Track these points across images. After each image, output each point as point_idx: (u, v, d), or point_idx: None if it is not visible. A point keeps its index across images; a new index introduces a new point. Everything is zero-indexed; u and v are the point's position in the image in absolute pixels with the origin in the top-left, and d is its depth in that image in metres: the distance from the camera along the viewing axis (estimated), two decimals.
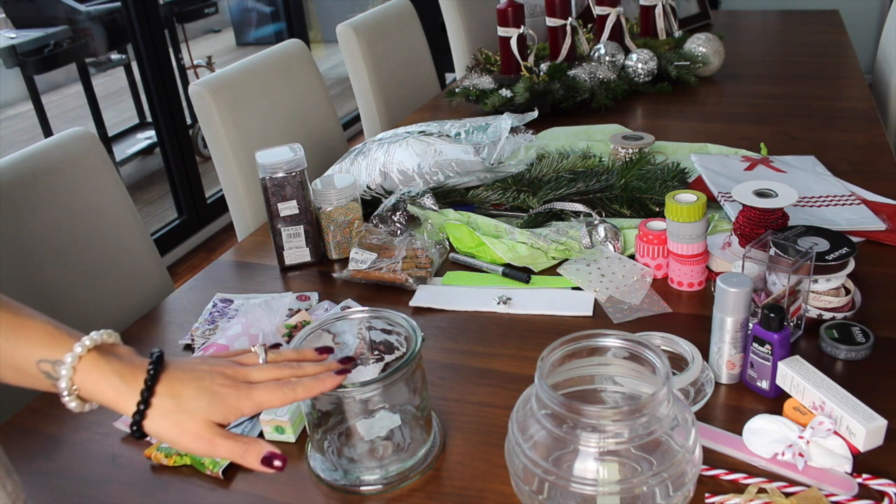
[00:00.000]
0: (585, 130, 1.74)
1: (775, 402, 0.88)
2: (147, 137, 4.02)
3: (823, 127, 1.69)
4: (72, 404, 0.65)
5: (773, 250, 0.97)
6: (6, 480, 0.67)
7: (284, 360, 0.73)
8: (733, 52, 2.29)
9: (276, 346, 0.78)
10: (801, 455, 0.78)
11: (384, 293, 1.19)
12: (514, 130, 1.57)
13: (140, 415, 0.64)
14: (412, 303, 1.15)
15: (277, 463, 0.66)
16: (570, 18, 2.03)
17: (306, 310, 1.12)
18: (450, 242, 1.30)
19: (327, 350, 0.76)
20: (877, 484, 0.76)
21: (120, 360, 0.65)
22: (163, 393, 0.65)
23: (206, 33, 6.77)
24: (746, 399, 0.90)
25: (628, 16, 2.29)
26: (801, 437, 0.79)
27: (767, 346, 0.87)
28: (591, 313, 1.09)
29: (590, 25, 2.29)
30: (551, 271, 1.20)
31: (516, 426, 0.74)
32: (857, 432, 0.79)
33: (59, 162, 1.28)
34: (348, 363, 0.74)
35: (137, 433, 0.65)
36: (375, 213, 1.34)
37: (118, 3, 3.24)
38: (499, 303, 1.13)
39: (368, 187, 1.42)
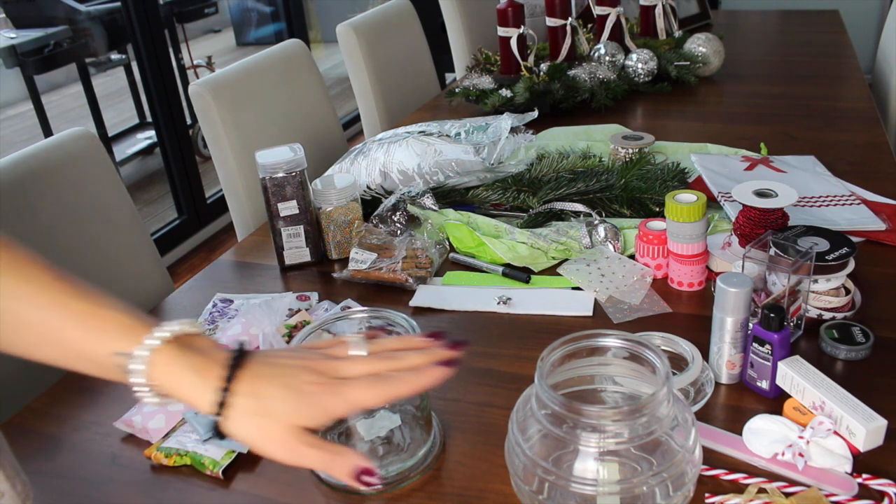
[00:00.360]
0: (585, 130, 1.74)
1: (775, 402, 0.88)
2: (147, 137, 4.03)
3: (823, 127, 1.69)
4: (151, 400, 0.59)
5: (773, 250, 0.97)
6: (15, 480, 0.66)
7: (384, 350, 0.65)
8: (733, 52, 2.29)
9: (374, 333, 0.69)
10: (801, 455, 0.78)
11: (384, 293, 1.19)
12: (514, 130, 1.57)
13: (219, 415, 0.58)
14: (412, 303, 1.15)
15: (370, 479, 0.59)
16: (570, 18, 2.03)
17: (306, 310, 1.12)
18: (450, 242, 1.29)
19: (438, 335, 0.66)
20: (877, 484, 0.76)
21: (200, 354, 0.60)
22: (243, 392, 0.58)
23: (206, 33, 6.78)
24: (746, 399, 0.90)
25: (628, 16, 2.29)
26: (801, 437, 0.79)
27: (767, 346, 0.87)
28: (591, 313, 1.09)
29: (590, 25, 2.29)
30: (551, 271, 1.20)
31: (516, 426, 0.74)
32: (857, 432, 0.79)
33: (59, 162, 1.28)
34: (459, 348, 0.64)
35: (217, 435, 0.59)
36: (375, 213, 1.34)
37: (118, 3, 3.24)
38: (499, 303, 1.13)
39: (368, 187, 1.42)
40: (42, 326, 0.60)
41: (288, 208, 1.24)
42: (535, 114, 1.66)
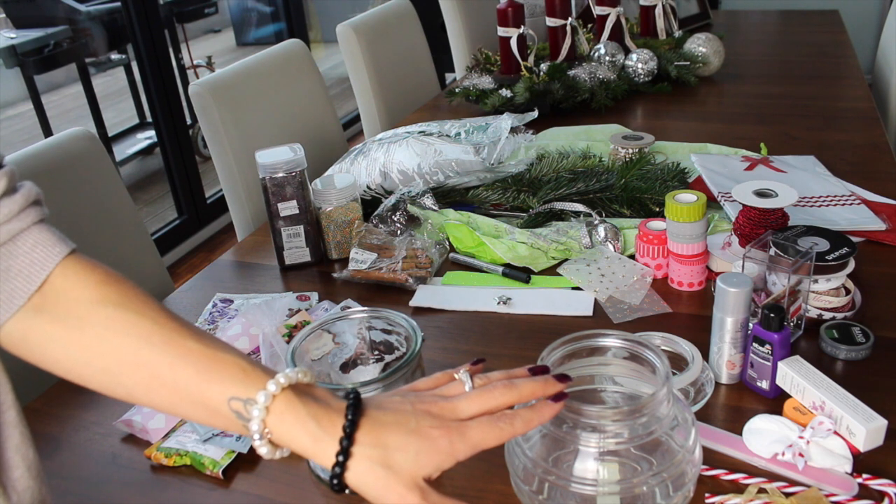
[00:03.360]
0: (585, 130, 1.74)
1: (775, 402, 0.88)
2: (147, 137, 4.03)
3: (823, 127, 1.69)
4: (263, 450, 0.57)
5: (773, 250, 0.97)
6: (42, 485, 0.65)
7: (493, 383, 0.63)
8: (733, 52, 2.29)
9: (480, 360, 0.68)
10: (801, 455, 0.78)
11: (384, 293, 1.19)
12: (514, 130, 1.58)
13: (340, 466, 0.56)
14: (412, 303, 1.15)
15: None
16: (570, 18, 2.03)
17: (306, 310, 1.12)
18: (450, 242, 1.29)
19: (542, 370, 0.65)
20: (877, 484, 0.76)
21: (317, 402, 0.58)
22: (365, 442, 0.56)
23: (206, 33, 6.78)
24: (746, 399, 0.90)
25: (628, 16, 2.29)
26: (801, 437, 0.79)
27: (767, 346, 0.87)
28: (591, 313, 1.09)
29: (590, 25, 2.29)
30: (551, 271, 1.20)
31: None
32: (857, 432, 0.79)
33: (59, 162, 1.28)
34: (565, 382, 0.63)
35: (338, 486, 0.56)
36: (375, 213, 1.34)
37: (118, 3, 3.24)
38: (499, 303, 1.13)
39: (368, 187, 1.42)
40: (155, 366, 0.58)
41: (288, 208, 1.24)
42: (535, 114, 1.66)
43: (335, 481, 0.56)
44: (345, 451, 0.56)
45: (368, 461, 0.56)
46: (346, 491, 0.57)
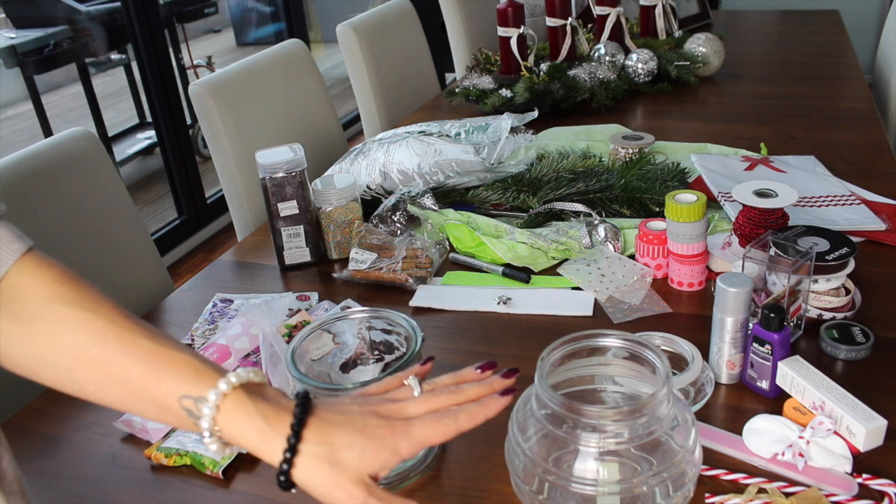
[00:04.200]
0: (585, 130, 1.74)
1: (775, 402, 0.88)
2: (147, 137, 4.03)
3: (823, 127, 1.69)
4: (213, 447, 0.59)
5: (773, 250, 0.97)
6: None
7: (441, 386, 0.65)
8: (733, 52, 2.29)
9: (429, 359, 0.70)
10: (801, 455, 0.78)
11: (384, 293, 1.19)
12: (514, 130, 1.58)
13: (288, 463, 0.57)
14: (412, 303, 1.15)
15: None
16: (570, 18, 2.03)
17: (306, 310, 1.12)
18: (450, 242, 1.29)
19: (490, 366, 0.67)
20: (877, 484, 0.76)
21: (267, 402, 0.59)
22: (312, 440, 0.58)
23: (206, 33, 6.78)
24: (746, 399, 0.90)
25: (628, 16, 2.29)
26: (801, 437, 0.79)
27: (767, 346, 0.87)
28: (591, 313, 1.09)
29: (590, 25, 2.29)
30: (551, 271, 1.20)
31: (516, 426, 0.74)
32: (857, 432, 0.79)
33: (59, 162, 1.28)
34: (512, 376, 0.66)
35: (285, 483, 0.58)
36: (375, 213, 1.34)
37: (118, 3, 3.24)
38: (499, 303, 1.13)
39: (368, 187, 1.42)
40: (108, 363, 0.59)
41: (288, 208, 1.24)
42: (535, 114, 1.66)
43: (282, 478, 0.57)
44: (292, 449, 0.57)
45: (315, 458, 0.57)
46: (293, 490, 0.59)
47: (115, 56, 3.95)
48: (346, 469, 0.58)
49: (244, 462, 0.87)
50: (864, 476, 0.77)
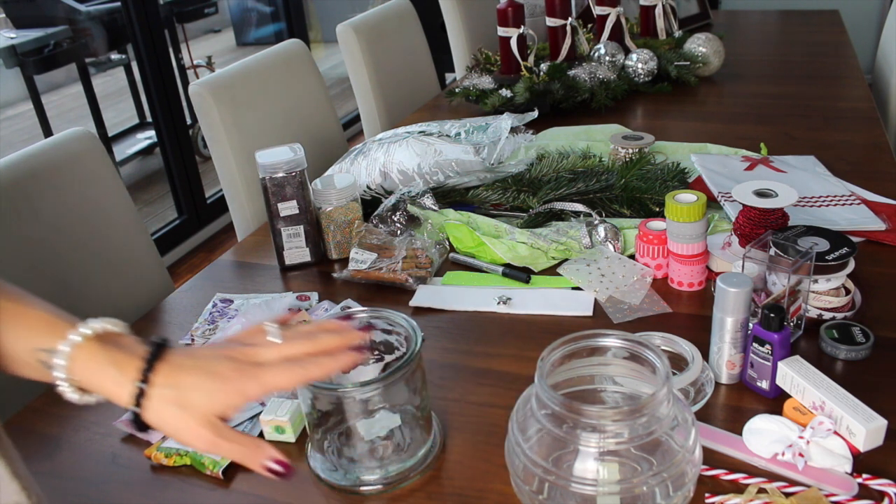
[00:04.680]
0: (585, 130, 1.74)
1: (775, 402, 0.88)
2: (147, 137, 4.03)
3: (823, 127, 1.69)
4: (72, 396, 0.62)
5: (773, 250, 0.97)
6: (30, 491, 0.64)
7: (298, 335, 0.66)
8: (733, 52, 2.29)
9: (299, 308, 0.72)
10: (801, 455, 0.78)
11: (384, 293, 1.19)
12: (514, 130, 1.57)
13: (137, 406, 0.60)
14: (412, 303, 1.15)
15: (280, 469, 0.61)
16: (570, 18, 2.03)
17: (306, 310, 1.12)
18: (450, 242, 1.29)
19: (348, 318, 0.69)
20: (877, 484, 0.76)
21: (120, 350, 0.61)
22: (161, 383, 0.60)
23: (206, 33, 6.78)
24: (746, 399, 0.90)
25: (628, 16, 2.29)
26: (801, 437, 0.79)
27: (767, 346, 0.87)
28: (591, 313, 1.09)
29: (590, 25, 2.29)
30: (551, 271, 1.20)
31: (516, 426, 0.74)
32: (857, 432, 0.79)
33: (59, 162, 1.28)
34: (367, 331, 0.68)
35: (139, 425, 0.61)
36: (375, 213, 1.34)
37: (118, 3, 3.24)
38: (499, 303, 1.13)
39: (368, 187, 1.42)
40: None
41: (288, 208, 1.24)
42: (535, 114, 1.66)
43: (135, 421, 0.60)
44: (140, 392, 0.60)
45: (163, 401, 0.60)
46: (148, 431, 0.61)
47: (115, 56, 3.95)
48: (193, 410, 0.60)
49: None
50: (864, 476, 0.77)
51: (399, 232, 1.30)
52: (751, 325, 0.90)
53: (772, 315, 0.85)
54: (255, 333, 0.67)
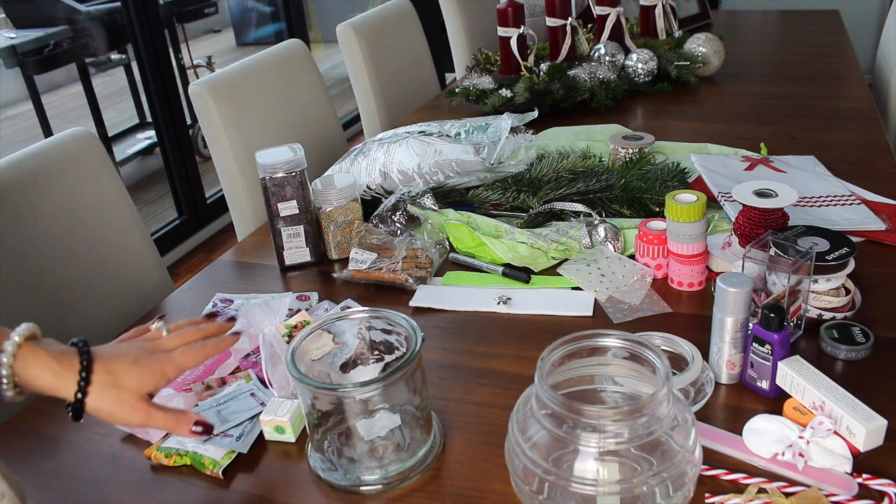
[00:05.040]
0: (585, 130, 1.74)
1: (775, 402, 0.88)
2: (147, 137, 4.03)
3: (823, 127, 1.69)
4: (8, 393, 0.69)
5: (773, 250, 0.97)
6: (10, 480, 0.67)
7: (184, 326, 0.82)
8: (733, 52, 2.29)
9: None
10: (801, 455, 0.78)
11: (384, 293, 1.19)
12: (514, 130, 1.57)
13: (83, 392, 0.71)
14: (412, 303, 1.15)
15: (198, 429, 0.77)
16: (570, 18, 2.03)
17: (306, 310, 1.12)
18: (450, 242, 1.29)
19: (213, 315, 0.87)
20: (877, 484, 0.76)
21: (53, 347, 0.72)
22: (99, 370, 0.72)
23: (206, 33, 6.78)
24: (746, 399, 0.90)
25: (628, 16, 2.29)
26: (801, 437, 0.79)
27: (767, 346, 0.87)
28: (591, 313, 1.09)
29: (590, 25, 2.29)
30: (551, 271, 1.20)
31: (516, 426, 0.74)
32: (857, 432, 0.79)
33: (59, 162, 1.28)
34: (233, 321, 0.86)
35: (78, 412, 0.71)
36: (375, 213, 1.34)
37: (118, 3, 3.24)
38: (499, 303, 1.13)
39: (368, 187, 1.42)
40: None
41: (288, 208, 1.24)
42: (535, 114, 1.66)
43: (77, 407, 0.71)
44: (85, 379, 0.71)
45: (103, 385, 0.72)
46: (82, 418, 0.72)
47: (115, 56, 3.95)
48: (128, 389, 0.73)
49: (244, 462, 0.87)
50: (864, 476, 0.77)
51: (399, 232, 1.30)
52: (751, 325, 0.90)
53: (772, 315, 0.85)
54: (144, 331, 0.82)
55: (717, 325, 0.91)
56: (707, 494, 0.77)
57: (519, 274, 1.18)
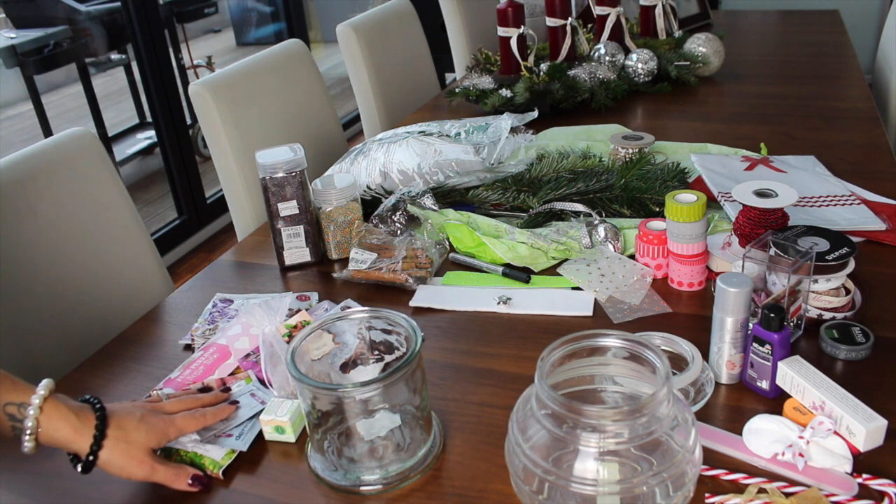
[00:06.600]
0: (585, 130, 1.74)
1: (775, 402, 0.88)
2: (147, 137, 4.03)
3: (823, 127, 1.69)
4: (29, 444, 0.76)
5: (773, 250, 0.97)
6: None
7: (182, 397, 0.90)
8: (733, 52, 2.29)
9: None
10: (801, 455, 0.78)
11: (384, 293, 1.19)
12: (514, 130, 1.57)
13: (98, 446, 0.77)
14: (412, 303, 1.15)
15: (192, 482, 0.82)
16: (570, 18, 2.03)
17: (306, 310, 1.12)
18: (450, 242, 1.29)
19: (207, 389, 0.94)
20: (877, 484, 0.76)
21: (71, 403, 0.79)
22: (112, 425, 0.79)
23: (206, 33, 6.78)
24: (746, 399, 0.90)
25: (628, 16, 2.29)
26: (801, 437, 0.79)
27: (767, 346, 0.87)
28: (591, 313, 1.09)
29: (590, 25, 2.29)
30: (551, 271, 1.20)
31: (516, 426, 0.74)
32: (857, 432, 0.79)
33: (59, 162, 1.28)
34: (228, 392, 0.94)
35: (90, 465, 0.77)
36: (375, 213, 1.34)
37: (118, 3, 3.24)
38: (499, 303, 1.13)
39: (368, 187, 1.42)
40: None
41: (288, 208, 1.24)
42: (535, 114, 1.66)
43: (90, 459, 0.77)
44: (101, 434, 0.78)
45: (115, 440, 0.79)
46: (91, 471, 0.78)
47: (115, 56, 3.95)
48: (137, 444, 0.80)
49: (244, 462, 0.87)
50: (864, 476, 0.77)
51: (399, 232, 1.30)
52: (751, 325, 0.90)
53: (772, 315, 0.85)
54: (152, 400, 0.89)
55: (717, 325, 0.91)
56: (707, 494, 0.77)
57: (519, 274, 1.18)
